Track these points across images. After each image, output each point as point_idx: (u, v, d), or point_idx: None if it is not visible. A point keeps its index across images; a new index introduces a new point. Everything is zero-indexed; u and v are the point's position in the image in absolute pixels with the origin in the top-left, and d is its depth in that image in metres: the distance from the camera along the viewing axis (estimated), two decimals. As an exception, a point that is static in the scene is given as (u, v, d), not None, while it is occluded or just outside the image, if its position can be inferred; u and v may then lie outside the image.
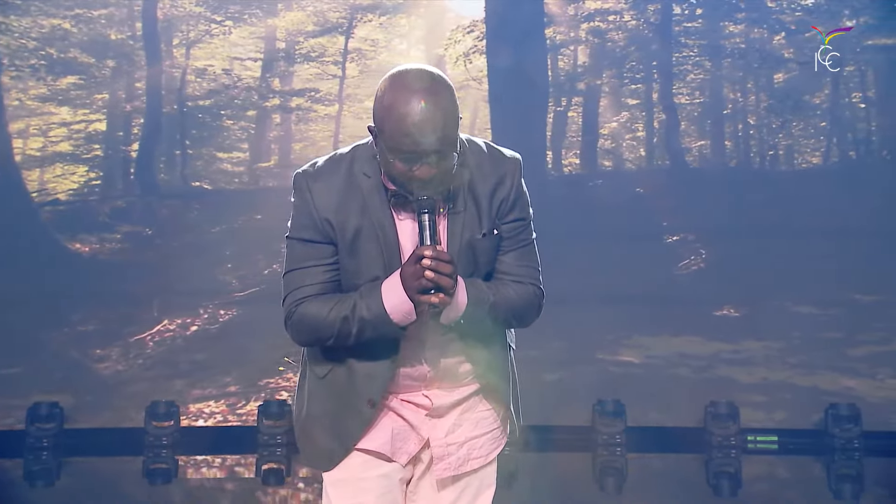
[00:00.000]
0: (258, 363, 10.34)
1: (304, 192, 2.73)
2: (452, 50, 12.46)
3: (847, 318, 10.19)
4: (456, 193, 2.67)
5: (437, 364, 2.79)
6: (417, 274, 2.50)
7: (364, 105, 12.05)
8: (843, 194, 10.60)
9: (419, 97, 2.49)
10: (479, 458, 2.88)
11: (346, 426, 2.76)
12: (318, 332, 2.67)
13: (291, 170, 9.18)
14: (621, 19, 12.26)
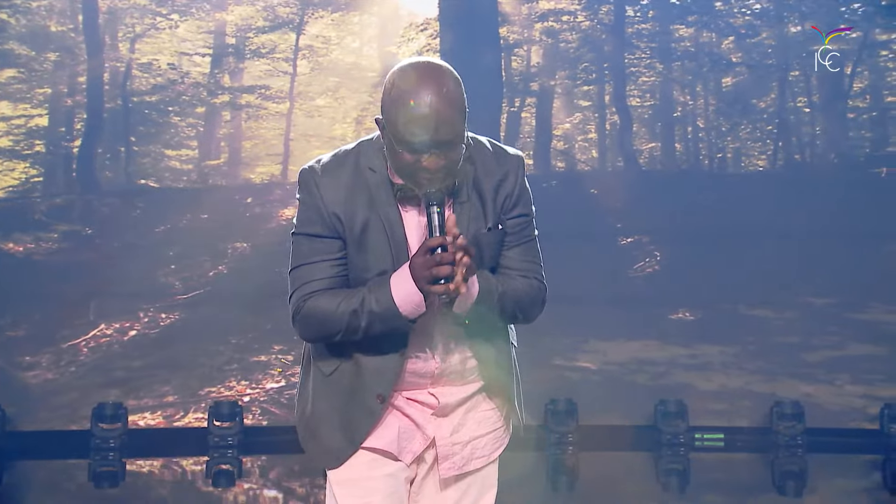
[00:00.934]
0: (199, 371, 9.45)
1: (311, 186, 2.53)
2: (406, 48, 11.69)
3: (801, 321, 9.61)
4: (461, 188, 2.53)
5: (444, 359, 2.64)
6: (428, 265, 2.36)
7: (315, 103, 11.29)
8: (791, 197, 10.17)
9: (428, 89, 2.34)
10: (483, 457, 2.74)
11: (354, 422, 2.62)
12: (326, 326, 2.52)
13: (241, 168, 7.92)
14: (575, 20, 11.54)
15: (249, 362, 9.59)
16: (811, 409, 8.63)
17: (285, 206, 10.68)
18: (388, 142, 2.41)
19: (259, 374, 9.52)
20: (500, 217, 2.59)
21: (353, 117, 11.24)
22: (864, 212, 9.79)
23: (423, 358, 2.62)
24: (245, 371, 9.54)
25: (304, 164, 2.61)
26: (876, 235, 9.79)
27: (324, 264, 2.51)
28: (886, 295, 9.64)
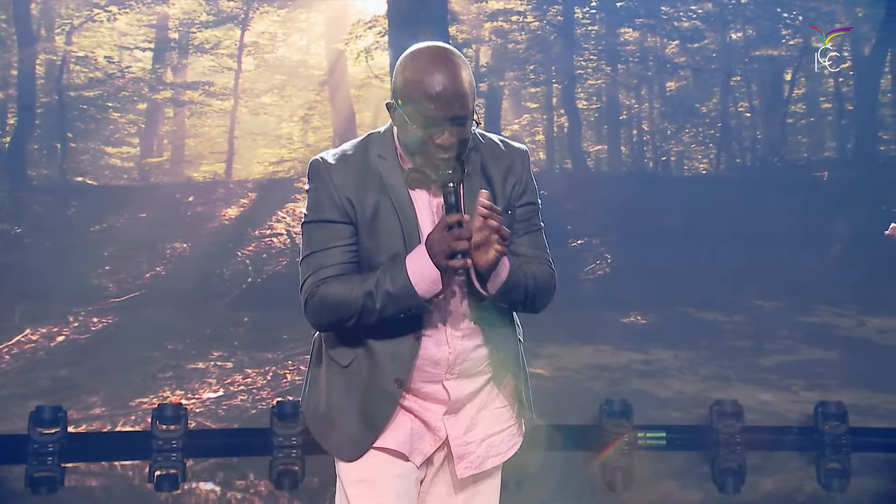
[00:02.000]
0: (131, 380, 8.37)
1: (323, 173, 2.42)
2: (353, 45, 10.83)
3: (751, 324, 9.03)
4: (471, 175, 2.42)
5: (457, 345, 2.47)
6: (446, 239, 2.25)
7: (261, 101, 10.35)
8: (736, 200, 9.54)
9: (441, 68, 2.27)
10: (499, 455, 2.60)
11: (373, 409, 2.47)
12: (340, 310, 2.37)
13: (184, 166, 6.99)
14: (524, 20, 10.90)
15: (186, 370, 8.47)
16: (769, 417, 8.28)
17: (228, 206, 9.57)
18: (400, 122, 2.31)
19: (196, 382, 8.43)
20: (509, 202, 2.47)
21: (299, 116, 10.31)
22: (807, 215, 9.27)
23: (436, 342, 2.45)
24: (180, 380, 8.41)
25: (314, 157, 2.48)
26: (820, 238, 9.29)
27: (336, 250, 2.38)
28: (833, 297, 9.11)
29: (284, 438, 7.78)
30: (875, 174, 9.67)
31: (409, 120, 2.29)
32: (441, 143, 2.28)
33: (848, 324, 9.05)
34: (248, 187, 9.86)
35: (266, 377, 8.48)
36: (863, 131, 10.06)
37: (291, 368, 8.45)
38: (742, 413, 8.00)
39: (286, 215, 9.61)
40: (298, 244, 10.24)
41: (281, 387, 8.40)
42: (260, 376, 8.48)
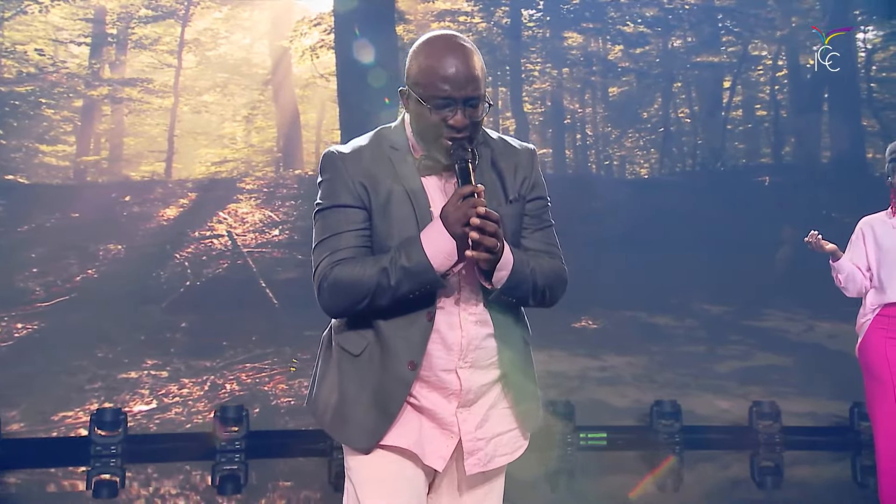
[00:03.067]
0: (55, 392, 7.32)
1: (336, 161, 2.25)
2: (298, 43, 10.14)
3: (702, 329, 8.58)
4: (482, 168, 2.29)
5: (470, 331, 2.28)
6: (462, 207, 2.11)
7: (203, 99, 9.62)
8: (678, 204, 9.15)
9: (455, 52, 2.18)
10: (505, 455, 2.40)
11: (388, 394, 2.26)
12: (355, 291, 2.19)
13: (122, 165, 6.46)
14: (472, 20, 10.41)
15: (116, 380, 7.39)
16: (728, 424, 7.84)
17: (167, 206, 8.54)
18: (414, 106, 2.22)
19: (127, 394, 7.37)
20: (519, 195, 2.33)
21: (243, 115, 9.61)
22: (750, 218, 8.87)
23: (450, 325, 2.27)
24: (110, 391, 7.34)
25: (326, 150, 2.33)
26: (765, 242, 8.83)
27: (350, 234, 2.24)
28: (780, 301, 8.69)
29: (227, 443, 7.22)
30: (811, 179, 9.30)
31: (423, 101, 2.18)
32: (454, 124, 2.18)
33: (797, 328, 8.63)
34: (189, 187, 9.04)
35: (203, 387, 7.51)
36: (798, 138, 9.72)
37: (231, 378, 7.63)
38: (680, 412, 7.71)
39: (228, 216, 8.80)
40: (240, 245, 9.54)
41: (219, 398, 7.36)
42: (196, 386, 7.52)
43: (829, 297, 8.38)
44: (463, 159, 2.19)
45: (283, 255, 8.53)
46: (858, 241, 4.08)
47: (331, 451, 7.25)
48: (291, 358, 7.83)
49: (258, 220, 8.79)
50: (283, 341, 7.95)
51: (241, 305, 8.04)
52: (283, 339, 7.96)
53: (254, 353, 7.87)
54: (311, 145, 9.68)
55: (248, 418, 7.24)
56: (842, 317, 8.47)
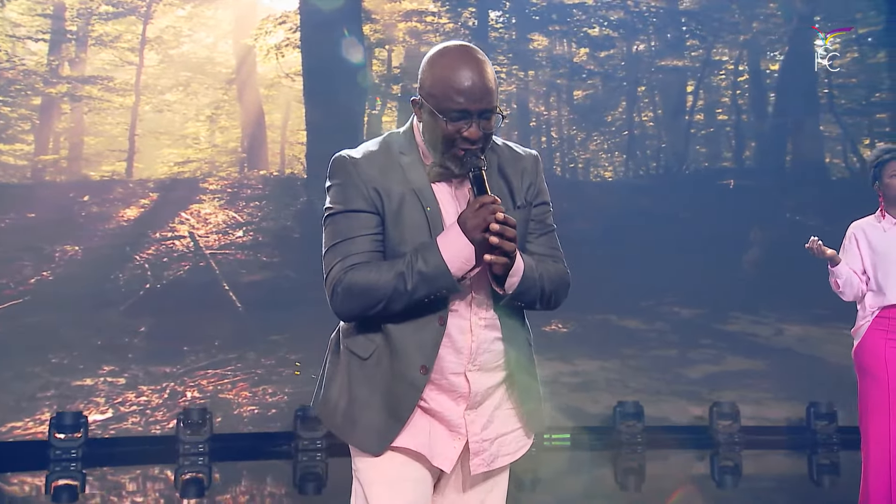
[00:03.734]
0: (3, 400, 6.89)
1: (348, 167, 2.19)
2: (263, 41, 9.70)
3: (673, 333, 8.32)
4: (490, 173, 2.21)
5: (480, 335, 2.23)
6: (481, 213, 2.08)
7: (165, 98, 9.14)
8: (644, 207, 8.88)
9: (469, 64, 2.13)
10: (508, 455, 2.34)
11: (399, 398, 2.20)
12: (369, 295, 2.13)
13: (82, 164, 6.01)
14: (438, 20, 10.08)
15: (70, 388, 6.92)
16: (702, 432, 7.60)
17: (127, 206, 8.04)
18: (428, 117, 2.16)
19: (81, 402, 6.90)
20: (525, 199, 2.30)
21: (206, 115, 9.14)
22: (715, 221, 8.60)
23: (461, 329, 2.24)
24: (64, 399, 6.88)
25: (335, 154, 2.26)
26: (731, 244, 8.61)
27: (363, 239, 2.18)
28: (748, 304, 8.47)
29: (191, 446, 6.91)
30: (773, 183, 9.07)
31: (438, 112, 2.14)
32: (469, 136, 2.15)
33: (766, 332, 8.39)
34: (150, 187, 8.55)
35: (162, 395, 7.02)
36: (758, 142, 9.55)
37: (192, 385, 7.17)
38: (643, 413, 7.60)
39: (190, 217, 8.35)
40: (202, 247, 9.08)
41: (179, 406, 6.91)
42: (155, 394, 7.03)
43: (795, 301, 8.23)
44: (477, 167, 2.14)
45: (246, 257, 8.09)
46: (852, 245, 4.01)
47: (296, 454, 6.96)
48: (255, 363, 7.40)
49: (221, 221, 8.35)
50: (246, 346, 7.51)
51: (203, 309, 7.58)
52: (246, 344, 7.52)
53: (216, 359, 7.42)
54: (276, 146, 9.27)
55: (211, 421, 6.89)
56: (812, 319, 8.31)
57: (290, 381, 7.47)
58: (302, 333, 7.49)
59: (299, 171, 9.02)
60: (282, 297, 7.73)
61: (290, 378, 7.42)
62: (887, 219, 3.95)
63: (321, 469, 7.00)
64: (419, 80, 2.21)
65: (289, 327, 7.60)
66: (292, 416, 7.18)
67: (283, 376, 7.39)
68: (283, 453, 7.06)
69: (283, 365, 7.49)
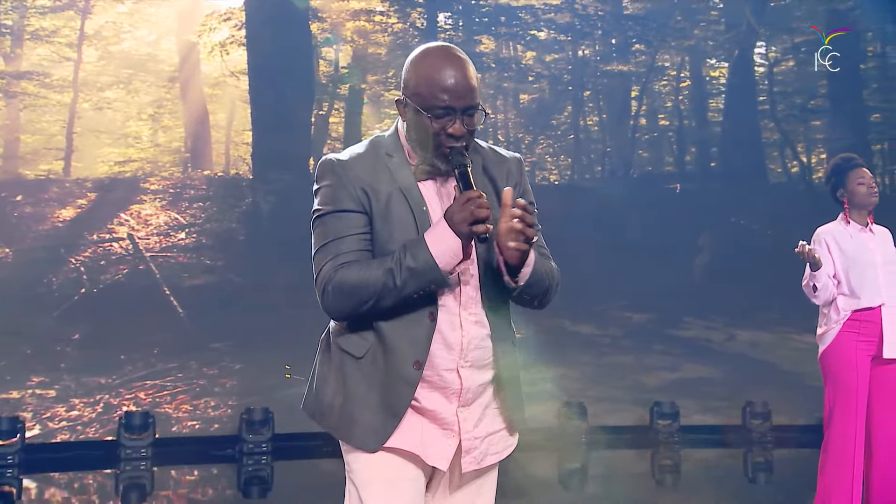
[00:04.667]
0: None
1: (336, 168, 2.14)
2: (207, 38, 9.13)
3: (627, 339, 7.96)
4: (475, 173, 2.18)
5: (470, 331, 2.18)
6: (468, 208, 2.04)
7: (105, 95, 8.62)
8: (593, 210, 8.54)
9: (452, 63, 2.12)
10: (496, 454, 2.28)
11: (394, 394, 2.16)
12: (360, 292, 2.10)
13: (17, 163, 5.38)
14: (387, 20, 9.64)
15: None
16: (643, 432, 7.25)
17: (63, 206, 7.36)
18: (413, 115, 2.13)
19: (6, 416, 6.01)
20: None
21: (148, 114, 8.61)
22: (664, 225, 8.33)
23: (451, 325, 2.17)
24: None
25: (322, 157, 2.21)
26: (678, 248, 8.30)
27: (352, 238, 2.13)
28: (698, 309, 8.16)
29: (133, 450, 6.44)
30: (716, 187, 8.88)
31: (424, 111, 2.12)
32: (453, 133, 2.13)
33: (719, 337, 8.13)
34: (88, 187, 7.93)
35: (95, 409, 6.33)
36: (700, 147, 9.37)
37: (128, 397, 6.54)
38: (586, 412, 7.30)
39: (129, 218, 7.74)
40: (142, 249, 8.49)
41: (113, 421, 6.40)
42: (88, 407, 6.34)
43: (745, 305, 8.00)
44: (462, 164, 2.12)
45: (188, 260, 7.51)
46: (823, 249, 3.91)
47: (241, 457, 6.63)
48: (197, 373, 6.83)
49: (163, 222, 7.76)
50: (188, 354, 6.92)
51: (142, 315, 6.96)
52: (188, 352, 6.93)
53: (155, 369, 6.81)
54: (221, 146, 8.73)
55: (154, 425, 6.36)
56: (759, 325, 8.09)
57: (234, 392, 6.92)
58: (247, 340, 6.96)
59: (245, 171, 8.49)
60: (225, 303, 7.19)
61: (233, 389, 6.86)
62: (852, 224, 3.91)
63: (266, 473, 6.70)
64: (403, 81, 2.18)
65: (233, 334, 7.05)
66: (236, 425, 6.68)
67: (227, 388, 6.83)
68: (227, 457, 6.70)
69: (226, 375, 6.93)
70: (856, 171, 3.89)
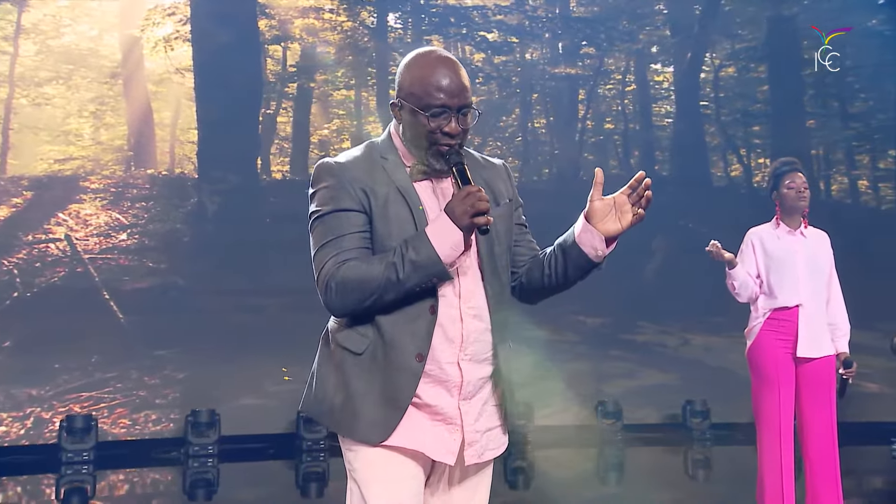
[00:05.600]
0: None
1: (335, 169, 2.16)
2: (150, 33, 8.60)
3: (582, 344, 7.67)
4: (470, 170, 2.19)
5: (469, 325, 2.18)
6: (469, 201, 2.06)
7: (42, 90, 8.04)
8: (540, 212, 8.84)
9: (445, 63, 2.17)
10: (494, 449, 2.28)
11: (397, 386, 2.14)
12: (363, 287, 2.09)
13: None
14: (337, 18, 9.22)
15: None
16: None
17: None
18: (409, 116, 2.16)
19: None
20: (507, 198, 2.29)
21: (90, 110, 8.08)
22: None
23: (451, 318, 2.17)
24: None
25: (318, 161, 2.23)
26: (631, 252, 8.42)
27: (353, 236, 2.13)
28: (651, 313, 7.99)
29: (74, 454, 6.16)
30: (663, 190, 8.83)
31: (419, 110, 2.14)
32: (450, 131, 2.14)
33: (673, 342, 7.94)
34: (24, 185, 7.33)
35: (25, 423, 5.89)
36: (644, 150, 9.23)
37: (62, 409, 5.99)
38: (532, 413, 7.17)
39: (68, 217, 7.18)
40: (80, 251, 7.93)
41: (45, 437, 5.90)
42: (17, 422, 5.89)
43: (697, 309, 7.82)
44: (459, 162, 2.15)
45: (130, 263, 6.99)
46: (748, 250, 4.03)
47: (186, 460, 6.38)
48: (138, 383, 6.34)
49: (103, 222, 7.23)
50: (128, 363, 6.41)
51: (80, 320, 6.45)
52: (128, 361, 6.42)
53: (93, 379, 6.29)
54: (166, 144, 8.21)
55: (97, 428, 6.02)
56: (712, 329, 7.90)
57: (177, 405, 6.43)
58: (192, 347, 6.50)
59: (190, 170, 8.00)
60: (169, 307, 6.71)
61: (175, 402, 6.38)
62: (782, 227, 3.99)
63: (212, 475, 6.45)
64: (397, 84, 2.21)
65: (177, 341, 6.59)
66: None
67: (170, 399, 6.34)
68: (173, 460, 6.45)
69: (169, 384, 6.44)
70: (788, 176, 3.95)
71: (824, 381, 3.90)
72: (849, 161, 9.77)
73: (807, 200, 3.95)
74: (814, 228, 4.03)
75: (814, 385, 3.87)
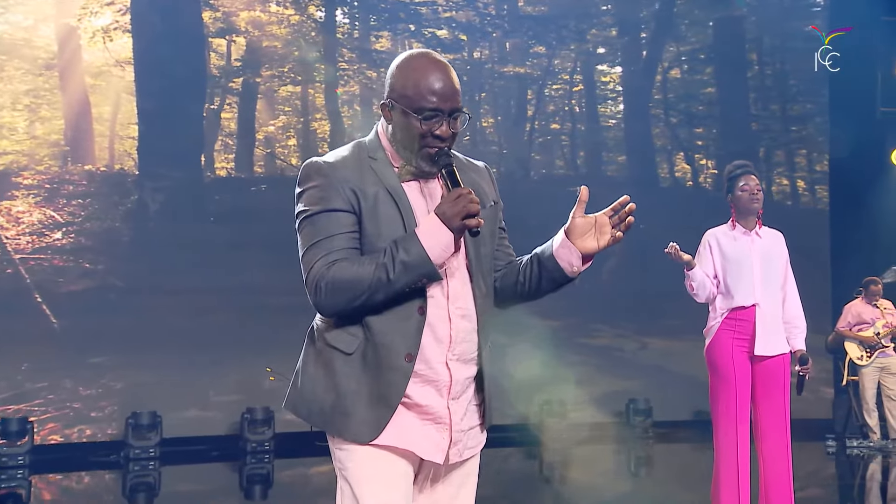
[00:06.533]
0: None
1: (324, 169, 2.11)
2: (88, 22, 8.09)
3: (537, 349, 7.32)
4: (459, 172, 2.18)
5: (458, 325, 2.17)
6: (460, 202, 2.05)
7: None
8: None
9: (437, 67, 2.12)
10: (472, 447, 2.25)
11: (387, 385, 2.13)
12: (353, 287, 2.07)
13: None
14: (284, 11, 8.81)
15: None
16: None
17: None
18: (400, 118, 2.11)
19: None
20: (493, 200, 2.29)
21: (24, 104, 7.58)
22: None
23: (440, 318, 2.15)
24: None
25: (306, 161, 2.19)
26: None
27: (342, 236, 2.10)
28: (607, 316, 7.91)
29: (9, 458, 5.99)
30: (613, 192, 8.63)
31: (411, 113, 2.10)
32: (440, 134, 2.11)
33: (631, 346, 7.77)
34: (-49, 181, 6.89)
35: None
36: (591, 151, 9.12)
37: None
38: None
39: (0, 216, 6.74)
40: (10, 250, 7.37)
41: None
42: None
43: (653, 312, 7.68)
44: (449, 164, 2.12)
45: (66, 264, 6.52)
46: (706, 251, 4.03)
47: (126, 463, 6.15)
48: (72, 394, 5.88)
49: (36, 220, 6.74)
50: (61, 371, 5.97)
51: (8, 325, 6.02)
52: (62, 369, 5.99)
53: (22, 389, 5.84)
54: (104, 139, 7.73)
55: (32, 431, 5.74)
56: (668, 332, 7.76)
57: (114, 417, 6.03)
58: (131, 353, 6.08)
59: (130, 166, 7.54)
60: (106, 311, 6.28)
61: (113, 414, 5.96)
62: (738, 228, 4.00)
63: (153, 478, 6.24)
64: (389, 85, 2.15)
65: (114, 347, 6.16)
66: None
67: (106, 412, 5.92)
68: (112, 464, 6.21)
69: (106, 395, 6.00)
70: (742, 178, 3.96)
71: (779, 378, 3.89)
72: (789, 163, 9.83)
73: (760, 202, 3.96)
74: (768, 229, 4.03)
75: (768, 382, 3.87)
